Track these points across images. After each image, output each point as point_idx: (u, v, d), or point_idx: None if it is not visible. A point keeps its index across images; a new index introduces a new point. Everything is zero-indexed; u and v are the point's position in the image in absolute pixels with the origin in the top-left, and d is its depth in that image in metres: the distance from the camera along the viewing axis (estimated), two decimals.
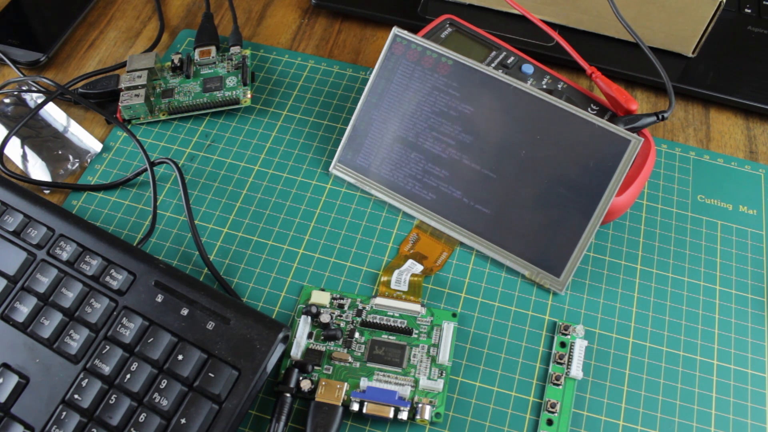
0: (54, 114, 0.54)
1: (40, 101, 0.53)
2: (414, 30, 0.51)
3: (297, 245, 0.47)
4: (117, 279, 0.41)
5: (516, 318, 0.44)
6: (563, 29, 0.58)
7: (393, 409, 0.39)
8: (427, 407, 0.40)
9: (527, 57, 0.51)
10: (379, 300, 0.44)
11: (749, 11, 0.59)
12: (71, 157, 0.51)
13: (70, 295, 0.41)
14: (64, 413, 0.38)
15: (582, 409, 0.41)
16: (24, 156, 0.52)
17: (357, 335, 0.43)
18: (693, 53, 0.56)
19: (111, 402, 0.38)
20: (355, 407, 0.40)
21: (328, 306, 0.44)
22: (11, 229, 0.43)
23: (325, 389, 0.40)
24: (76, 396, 0.38)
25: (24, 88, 0.54)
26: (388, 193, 0.48)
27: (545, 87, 0.50)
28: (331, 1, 0.60)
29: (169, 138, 0.52)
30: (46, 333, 0.40)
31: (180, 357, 0.38)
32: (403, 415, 0.39)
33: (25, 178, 0.50)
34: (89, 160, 0.51)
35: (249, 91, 0.53)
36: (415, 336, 0.43)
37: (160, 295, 0.40)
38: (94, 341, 0.40)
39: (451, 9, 0.59)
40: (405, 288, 0.45)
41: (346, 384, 0.40)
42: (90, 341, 0.40)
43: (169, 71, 0.55)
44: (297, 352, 0.42)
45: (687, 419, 0.41)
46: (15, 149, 0.52)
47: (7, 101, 0.54)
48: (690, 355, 0.43)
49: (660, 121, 0.47)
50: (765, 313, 0.45)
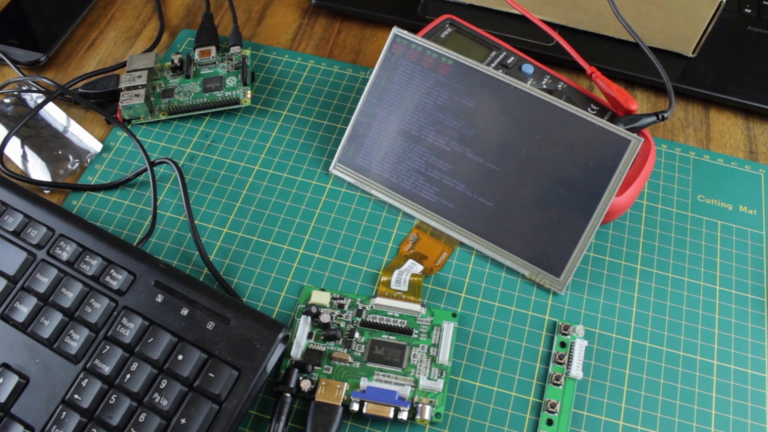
0: (54, 114, 0.54)
1: (40, 101, 0.53)
2: (414, 30, 0.51)
3: (297, 245, 0.47)
4: (117, 279, 0.41)
5: (516, 318, 0.44)
6: (563, 29, 0.58)
7: (393, 409, 0.39)
8: (427, 407, 0.40)
9: (527, 57, 0.51)
10: (379, 300, 0.44)
11: (749, 11, 0.59)
12: (71, 157, 0.51)
13: (70, 295, 0.41)
14: (64, 413, 0.38)
15: (582, 409, 0.41)
16: (24, 156, 0.52)
17: (357, 335, 0.43)
18: (693, 53, 0.56)
19: (111, 402, 0.38)
20: (355, 407, 0.40)
21: (328, 306, 0.44)
22: (11, 229, 0.43)
23: (325, 389, 0.40)
24: (76, 396, 0.38)
25: (24, 88, 0.54)
26: (388, 193, 0.48)
27: (545, 87, 0.50)
28: (331, 1, 0.60)
29: (169, 138, 0.52)
30: (46, 333, 0.40)
31: (180, 357, 0.38)
32: (403, 415, 0.39)
33: (25, 178, 0.50)
34: (89, 160, 0.51)
35: (249, 91, 0.53)
36: (415, 336, 0.43)
37: (160, 295, 0.40)
38: (94, 341, 0.40)
39: (451, 9, 0.59)
40: (405, 288, 0.45)
41: (346, 384, 0.40)
42: (90, 341, 0.40)
43: (169, 71, 0.55)
44: (297, 352, 0.42)
45: (687, 419, 0.41)
46: (15, 149, 0.52)
47: (7, 101, 0.54)
48: (690, 355, 0.43)
49: (660, 121, 0.47)
50: (765, 313, 0.45)
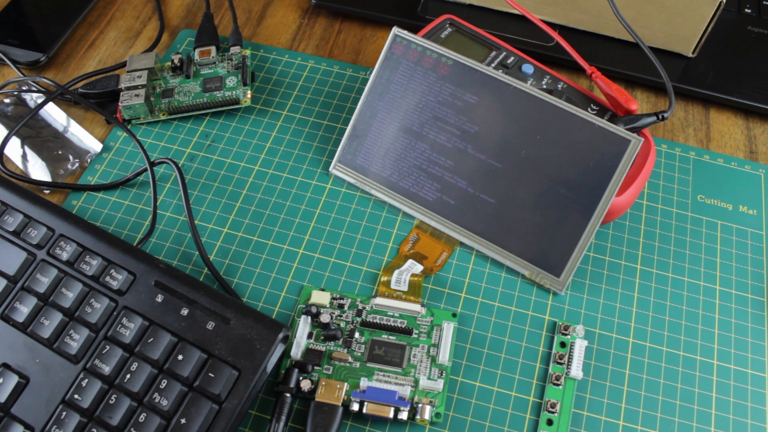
0: (54, 114, 0.54)
1: (40, 101, 0.53)
2: (414, 30, 0.51)
3: (297, 245, 0.47)
4: (117, 279, 0.41)
5: (516, 318, 0.44)
6: (563, 29, 0.58)
7: (393, 409, 0.39)
8: (427, 407, 0.40)
9: (527, 57, 0.51)
10: (379, 300, 0.44)
11: (749, 11, 0.59)
12: (71, 157, 0.51)
13: (70, 295, 0.41)
14: (64, 413, 0.38)
15: (582, 409, 0.41)
16: (24, 156, 0.52)
17: (357, 335, 0.43)
18: (693, 53, 0.56)
19: (111, 402, 0.38)
20: (355, 407, 0.40)
21: (328, 306, 0.44)
22: (11, 229, 0.43)
23: (325, 389, 0.40)
24: (76, 396, 0.38)
25: (24, 88, 0.54)
26: (388, 193, 0.48)
27: (545, 87, 0.50)
28: (331, 1, 0.60)
29: (169, 138, 0.52)
30: (46, 333, 0.40)
31: (180, 357, 0.38)
32: (403, 415, 0.39)
33: (25, 178, 0.50)
34: (89, 160, 0.51)
35: (249, 91, 0.53)
36: (415, 336, 0.43)
37: (160, 295, 0.40)
38: (94, 341, 0.40)
39: (451, 9, 0.59)
40: (405, 288, 0.45)
41: (346, 384, 0.40)
42: (90, 341, 0.40)
43: (169, 71, 0.55)
44: (297, 352, 0.42)
45: (687, 419, 0.41)
46: (15, 149, 0.52)
47: (7, 101, 0.54)
48: (690, 355, 0.43)
49: (660, 121, 0.47)
50: (765, 313, 0.45)
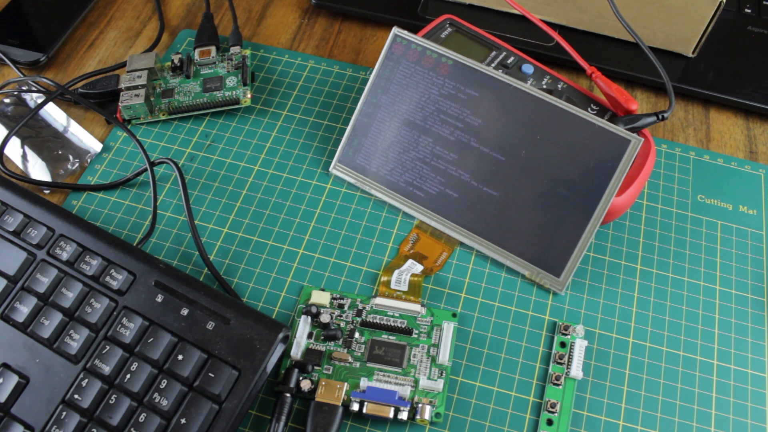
0: (54, 114, 0.54)
1: (40, 101, 0.53)
2: (414, 30, 0.51)
3: (297, 245, 0.47)
4: (117, 279, 0.41)
5: (516, 318, 0.44)
6: (563, 29, 0.58)
7: (393, 409, 0.39)
8: (427, 407, 0.40)
9: (527, 57, 0.51)
10: (379, 300, 0.44)
11: (749, 11, 0.59)
12: (71, 157, 0.51)
13: (70, 295, 0.41)
14: (64, 413, 0.38)
15: (582, 409, 0.41)
16: (24, 156, 0.52)
17: (357, 335, 0.43)
18: (693, 53, 0.56)
19: (111, 402, 0.38)
20: (355, 407, 0.40)
21: (328, 306, 0.44)
22: (11, 229, 0.43)
23: (325, 389, 0.40)
24: (76, 396, 0.38)
25: (24, 88, 0.54)
26: (388, 193, 0.48)
27: (545, 87, 0.50)
28: (331, 1, 0.60)
29: (169, 138, 0.52)
30: (46, 333, 0.40)
31: (180, 357, 0.38)
32: (403, 415, 0.39)
33: (25, 178, 0.50)
34: (89, 160, 0.51)
35: (249, 91, 0.53)
36: (415, 336, 0.43)
37: (160, 295, 0.40)
38: (94, 341, 0.40)
39: (451, 9, 0.59)
40: (405, 288, 0.45)
41: (346, 384, 0.40)
42: (90, 341, 0.40)
43: (169, 71, 0.55)
44: (297, 352, 0.42)
45: (687, 419, 0.41)
46: (15, 149, 0.52)
47: (7, 101, 0.54)
48: (690, 355, 0.43)
49: (660, 121, 0.47)
50: (765, 313, 0.45)
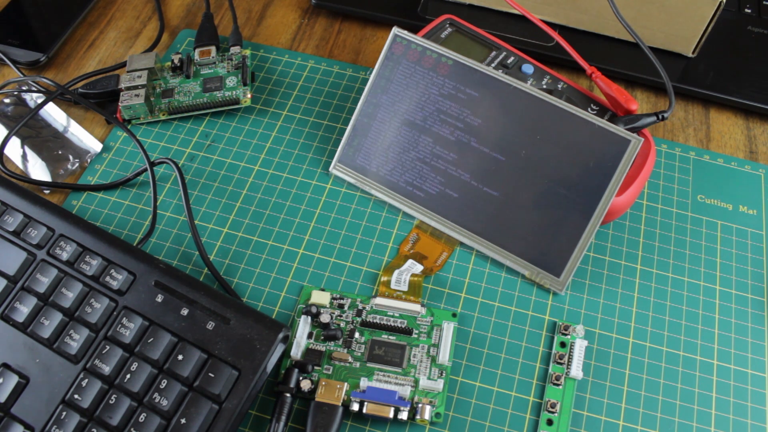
0: (54, 114, 0.54)
1: (40, 101, 0.53)
2: (414, 30, 0.51)
3: (297, 245, 0.47)
4: (117, 279, 0.41)
5: (516, 318, 0.44)
6: (563, 29, 0.58)
7: (393, 409, 0.39)
8: (427, 407, 0.40)
9: (527, 57, 0.51)
10: (379, 300, 0.44)
11: (749, 11, 0.59)
12: (71, 157, 0.51)
13: (70, 295, 0.41)
14: (64, 413, 0.38)
15: (582, 409, 0.41)
16: (24, 156, 0.52)
17: (357, 335, 0.43)
18: (693, 53, 0.56)
19: (111, 402, 0.38)
20: (355, 407, 0.40)
21: (328, 306, 0.44)
22: (11, 229, 0.43)
23: (325, 389, 0.40)
24: (76, 396, 0.38)
25: (24, 88, 0.54)
26: (388, 193, 0.48)
27: (545, 87, 0.50)
28: (331, 1, 0.60)
29: (169, 138, 0.52)
30: (46, 333, 0.40)
31: (180, 357, 0.38)
32: (403, 415, 0.39)
33: (25, 178, 0.50)
34: (89, 160, 0.51)
35: (249, 91, 0.53)
36: (415, 336, 0.43)
37: (160, 295, 0.40)
38: (94, 341, 0.40)
39: (451, 9, 0.59)
40: (405, 288, 0.45)
41: (346, 384, 0.40)
42: (90, 341, 0.40)
43: (169, 71, 0.55)
44: (297, 352, 0.42)
45: (687, 419, 0.41)
46: (15, 149, 0.52)
47: (7, 101, 0.54)
48: (690, 355, 0.43)
49: (660, 121, 0.47)
50: (765, 313, 0.45)
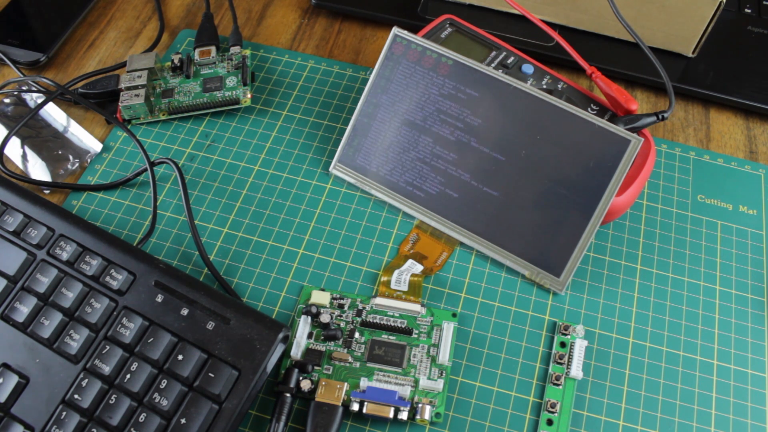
0: (54, 114, 0.54)
1: (40, 101, 0.53)
2: (414, 30, 0.51)
3: (297, 245, 0.47)
4: (117, 279, 0.41)
5: (516, 318, 0.44)
6: (563, 29, 0.58)
7: (393, 409, 0.39)
8: (427, 407, 0.40)
9: (527, 57, 0.51)
10: (379, 300, 0.44)
11: (749, 11, 0.59)
12: (71, 157, 0.51)
13: (70, 295, 0.41)
14: (64, 413, 0.38)
15: (582, 409, 0.41)
16: (24, 156, 0.52)
17: (357, 335, 0.43)
18: (693, 53, 0.56)
19: (111, 402, 0.38)
20: (355, 407, 0.40)
21: (328, 306, 0.44)
22: (11, 229, 0.43)
23: (325, 389, 0.40)
24: (76, 396, 0.38)
25: (24, 88, 0.54)
26: (388, 193, 0.48)
27: (545, 87, 0.50)
28: (331, 1, 0.60)
29: (169, 138, 0.52)
30: (46, 333, 0.40)
31: (180, 357, 0.38)
32: (403, 415, 0.39)
33: (25, 178, 0.50)
34: (89, 160, 0.51)
35: (249, 91, 0.53)
36: (415, 336, 0.43)
37: (160, 295, 0.40)
38: (94, 341, 0.40)
39: (451, 9, 0.59)
40: (405, 288, 0.45)
41: (346, 384, 0.40)
42: (90, 341, 0.40)
43: (169, 71, 0.55)
44: (297, 352, 0.42)
45: (687, 419, 0.41)
46: (15, 149, 0.52)
47: (7, 101, 0.54)
48: (690, 355, 0.43)
49: (660, 121, 0.47)
50: (765, 313, 0.45)
